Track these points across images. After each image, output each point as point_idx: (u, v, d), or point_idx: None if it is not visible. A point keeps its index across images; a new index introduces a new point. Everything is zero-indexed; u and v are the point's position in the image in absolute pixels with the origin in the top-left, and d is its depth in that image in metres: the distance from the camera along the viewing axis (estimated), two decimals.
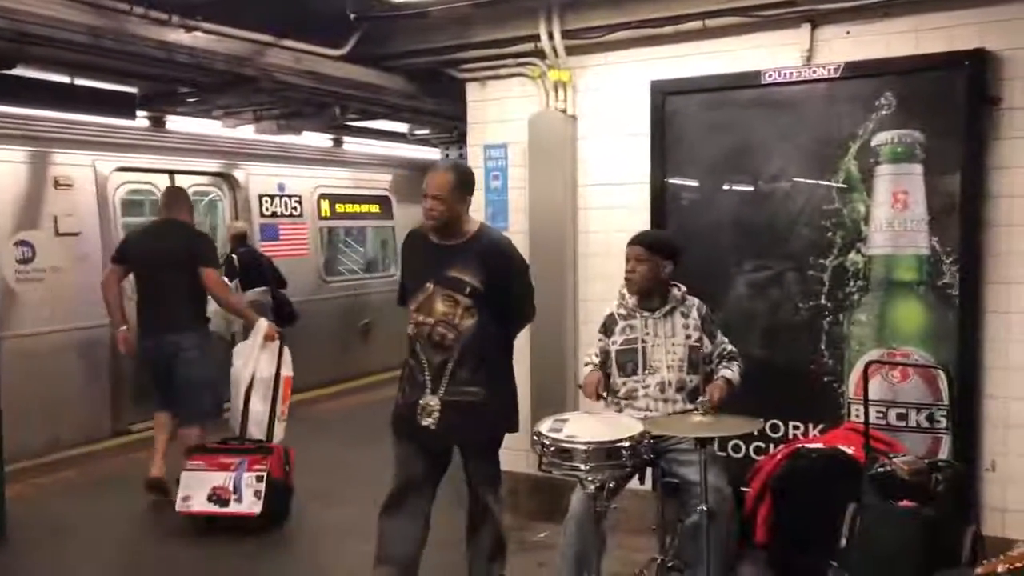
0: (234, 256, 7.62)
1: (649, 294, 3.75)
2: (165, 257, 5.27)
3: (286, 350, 5.30)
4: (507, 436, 3.66)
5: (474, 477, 3.64)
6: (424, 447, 3.58)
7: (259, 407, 5.20)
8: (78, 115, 6.43)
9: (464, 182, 3.53)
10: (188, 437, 5.25)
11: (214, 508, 4.83)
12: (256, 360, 5.21)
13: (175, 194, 5.85)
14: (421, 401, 3.49)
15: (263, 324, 5.31)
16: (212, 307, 5.68)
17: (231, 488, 4.82)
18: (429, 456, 3.61)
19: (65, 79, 5.53)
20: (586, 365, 3.88)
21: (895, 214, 4.11)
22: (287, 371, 5.31)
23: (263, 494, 4.80)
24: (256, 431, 5.18)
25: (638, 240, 3.80)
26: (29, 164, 6.55)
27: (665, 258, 3.73)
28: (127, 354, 5.59)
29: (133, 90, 6.04)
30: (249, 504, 4.80)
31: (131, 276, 5.57)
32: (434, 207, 3.46)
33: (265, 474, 4.84)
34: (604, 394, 3.72)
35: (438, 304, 3.45)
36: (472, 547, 3.70)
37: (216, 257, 5.85)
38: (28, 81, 5.23)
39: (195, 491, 4.83)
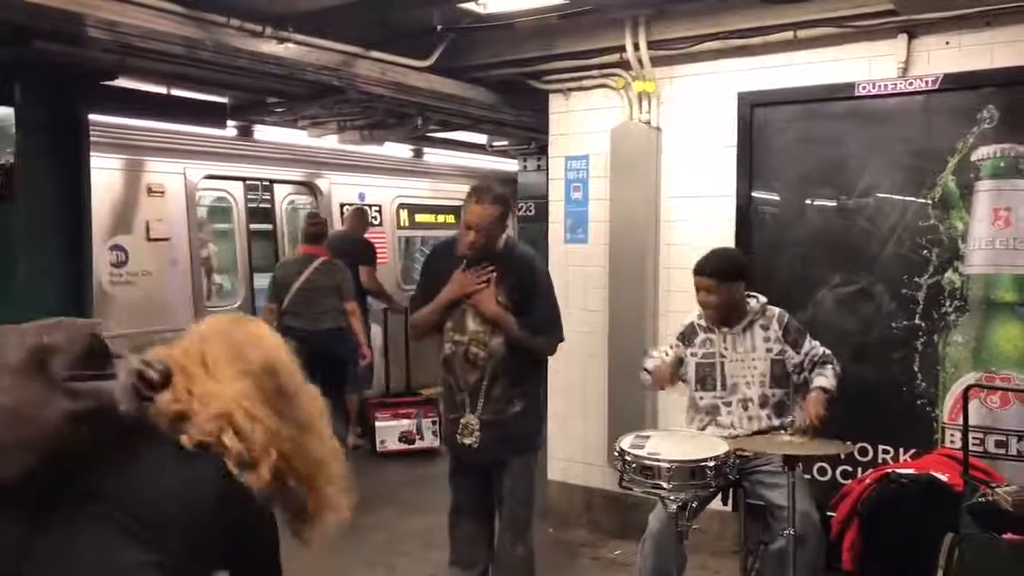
0: None
1: (728, 315, 3.65)
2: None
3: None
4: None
5: (509, 496, 3.54)
6: (469, 466, 3.58)
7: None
8: (171, 124, 6.65)
9: (505, 213, 3.48)
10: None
11: (405, 446, 6.73)
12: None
13: (356, 212, 7.56)
14: (462, 420, 3.48)
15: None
16: None
17: (415, 431, 6.72)
18: (477, 474, 3.58)
19: (162, 89, 5.72)
20: (651, 358, 3.75)
21: (996, 232, 3.94)
22: None
23: (437, 432, 6.58)
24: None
25: (704, 271, 3.59)
26: (124, 171, 6.80)
27: (735, 280, 3.61)
28: None
29: (224, 100, 6.21)
30: (430, 441, 6.70)
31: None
32: (476, 240, 3.40)
33: (437, 418, 6.62)
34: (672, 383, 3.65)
35: (469, 322, 3.45)
36: (498, 570, 3.61)
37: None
38: (127, 92, 5.42)
39: (388, 436, 6.74)
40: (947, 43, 4.05)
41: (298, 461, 1.45)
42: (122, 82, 5.29)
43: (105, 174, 6.59)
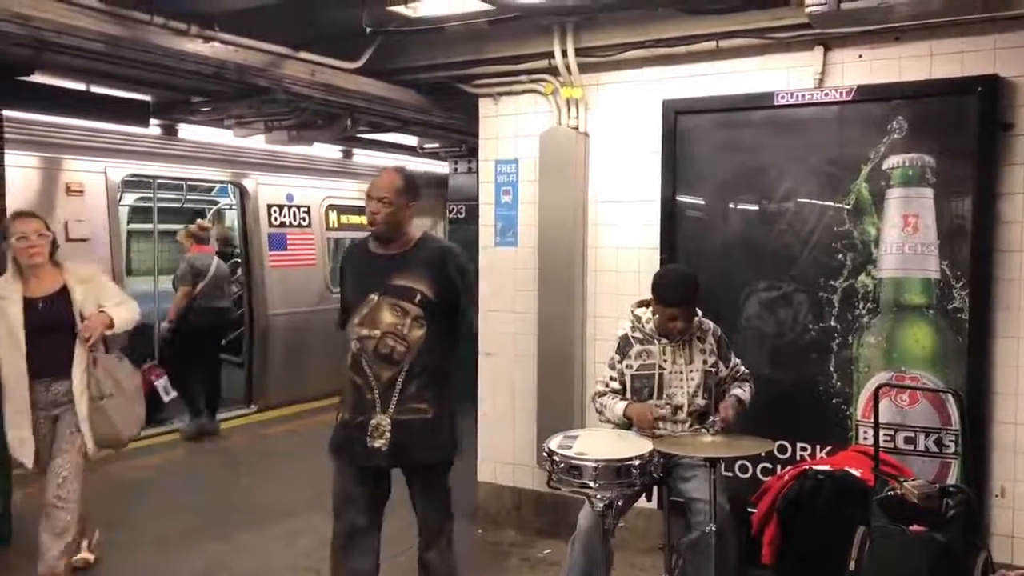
0: None
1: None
2: None
3: None
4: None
5: (424, 505, 3.46)
6: (371, 471, 3.40)
7: None
8: (92, 122, 6.47)
9: (410, 186, 3.40)
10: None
11: None
12: None
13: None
14: (372, 421, 3.30)
15: None
16: None
17: None
18: (372, 484, 3.43)
19: (81, 86, 5.56)
20: (603, 395, 3.74)
21: (905, 237, 4.12)
22: None
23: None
24: None
25: (676, 301, 3.57)
26: (41, 170, 6.58)
27: (697, 302, 3.68)
28: None
29: (147, 98, 6.07)
30: None
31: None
32: (378, 210, 3.33)
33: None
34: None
35: (385, 314, 3.31)
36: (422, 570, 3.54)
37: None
38: (44, 88, 5.25)
39: None
40: (860, 56, 4.22)
41: None
42: (40, 78, 5.12)
43: (21, 172, 6.38)
